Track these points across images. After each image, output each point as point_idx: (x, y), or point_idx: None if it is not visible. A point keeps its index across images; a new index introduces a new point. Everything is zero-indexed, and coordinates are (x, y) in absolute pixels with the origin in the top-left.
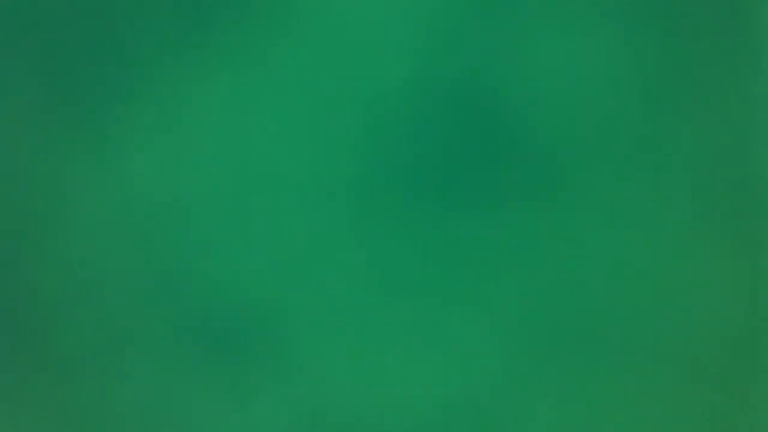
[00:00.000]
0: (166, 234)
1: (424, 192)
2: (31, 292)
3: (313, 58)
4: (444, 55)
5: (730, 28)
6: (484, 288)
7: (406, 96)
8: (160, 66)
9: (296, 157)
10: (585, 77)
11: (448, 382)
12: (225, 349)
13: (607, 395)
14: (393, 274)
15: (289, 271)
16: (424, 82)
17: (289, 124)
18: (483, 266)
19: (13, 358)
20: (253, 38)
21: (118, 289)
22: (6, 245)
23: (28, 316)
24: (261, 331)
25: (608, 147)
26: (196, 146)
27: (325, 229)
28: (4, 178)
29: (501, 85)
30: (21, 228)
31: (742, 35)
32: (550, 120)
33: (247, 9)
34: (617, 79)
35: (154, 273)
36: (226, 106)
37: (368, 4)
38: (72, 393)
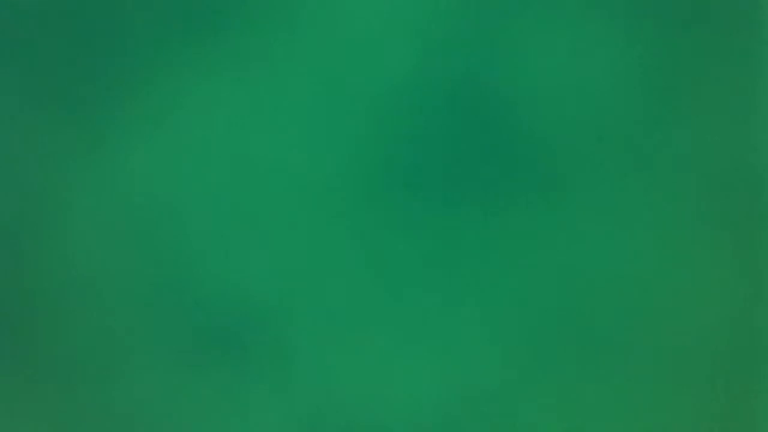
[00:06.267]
0: (166, 234)
1: (425, 192)
2: (30, 292)
3: (314, 58)
4: (444, 55)
5: (731, 27)
6: (485, 288)
7: (406, 96)
8: (160, 65)
9: (296, 157)
10: (585, 77)
11: (448, 382)
12: (225, 350)
13: (607, 395)
14: (393, 274)
15: (289, 271)
16: (425, 82)
17: (289, 123)
18: (484, 266)
19: (13, 359)
20: (253, 38)
21: (117, 290)
22: (5, 245)
23: (28, 316)
24: (261, 332)
25: (608, 147)
26: (196, 146)
27: (326, 228)
28: (2, 177)
29: (501, 84)
30: (20, 228)
31: (742, 35)
32: (551, 119)
33: (248, 8)
34: (618, 79)
35: (154, 273)
36: (226, 105)
37: (368, 4)
38: (72, 393)
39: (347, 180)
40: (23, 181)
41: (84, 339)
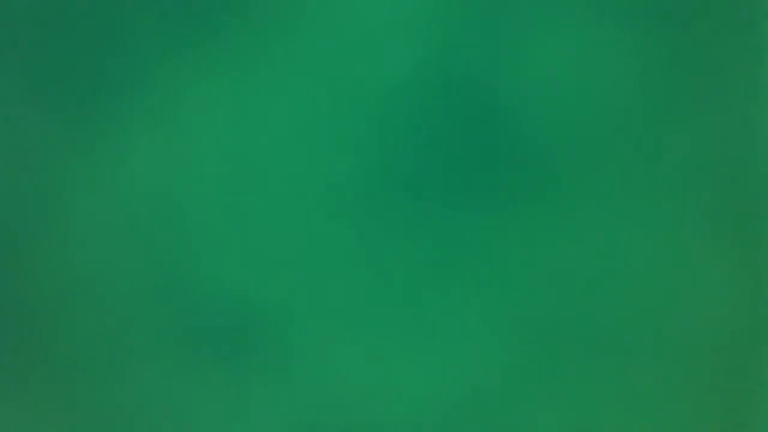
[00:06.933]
0: (166, 234)
1: (425, 192)
2: (30, 291)
3: (313, 58)
4: (444, 55)
5: (731, 27)
6: (485, 288)
7: (406, 96)
8: (159, 65)
9: (296, 157)
10: (586, 77)
11: (449, 382)
12: (226, 350)
13: (606, 395)
14: (393, 274)
15: (289, 271)
16: (425, 82)
17: (289, 124)
18: (484, 266)
19: (13, 358)
20: (253, 37)
21: (117, 290)
22: (4, 245)
23: (28, 316)
24: (262, 332)
25: (608, 147)
26: (196, 146)
27: (326, 228)
28: (2, 177)
29: (501, 84)
30: (19, 227)
31: (742, 35)
32: (551, 120)
33: (247, 8)
34: (618, 79)
35: (154, 273)
36: (226, 105)
37: (368, 4)
38: (72, 393)
39: (347, 180)
40: (23, 181)
41: (84, 339)
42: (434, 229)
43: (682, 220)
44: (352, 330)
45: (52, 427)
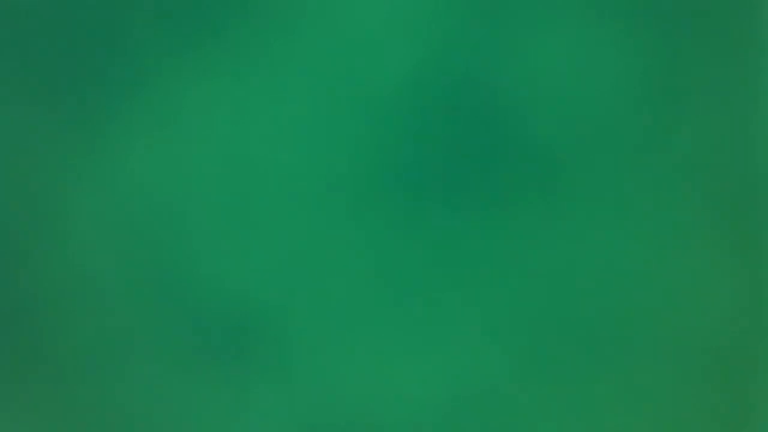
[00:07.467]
0: (166, 234)
1: (425, 192)
2: (30, 291)
3: (314, 57)
4: (444, 55)
5: (731, 27)
6: (485, 288)
7: (406, 95)
8: (160, 65)
9: (296, 157)
10: (585, 76)
11: (448, 382)
12: (225, 350)
13: (607, 395)
14: (393, 274)
15: (289, 271)
16: (425, 81)
17: (289, 123)
18: (484, 266)
19: (13, 358)
20: (253, 37)
21: (117, 290)
22: (5, 245)
23: (28, 316)
24: (262, 332)
25: (608, 146)
26: (196, 145)
27: (326, 228)
28: (2, 177)
29: (501, 84)
30: (20, 227)
31: (743, 35)
32: (551, 119)
33: (247, 8)
34: (617, 78)
35: (154, 273)
36: (226, 104)
37: (368, 4)
38: (72, 393)
39: (347, 180)
40: (23, 181)
41: (84, 339)
42: (434, 229)
43: (682, 220)
44: (352, 330)
45: (52, 427)
